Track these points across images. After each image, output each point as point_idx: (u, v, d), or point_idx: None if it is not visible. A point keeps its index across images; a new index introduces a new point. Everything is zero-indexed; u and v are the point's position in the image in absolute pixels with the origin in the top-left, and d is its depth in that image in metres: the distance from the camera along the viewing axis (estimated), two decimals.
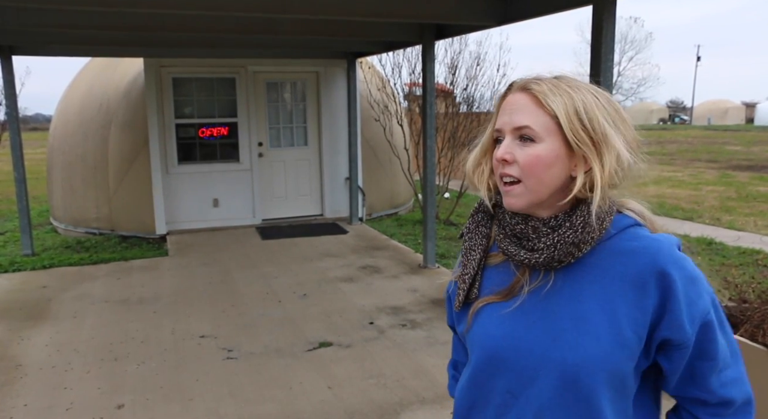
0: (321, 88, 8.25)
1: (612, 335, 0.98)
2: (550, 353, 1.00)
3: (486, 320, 1.08)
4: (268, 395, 3.43)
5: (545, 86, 1.01)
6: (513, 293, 1.07)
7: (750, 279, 4.97)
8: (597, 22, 3.73)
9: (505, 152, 1.01)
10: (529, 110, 1.00)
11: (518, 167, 1.00)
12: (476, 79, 8.41)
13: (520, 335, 1.03)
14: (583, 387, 0.99)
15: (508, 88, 1.06)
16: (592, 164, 0.99)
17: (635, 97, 52.09)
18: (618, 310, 0.98)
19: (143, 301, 5.14)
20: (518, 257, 1.05)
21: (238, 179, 8.09)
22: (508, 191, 1.02)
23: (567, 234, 1.00)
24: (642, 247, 1.00)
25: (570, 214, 1.02)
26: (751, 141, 25.25)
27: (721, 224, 8.41)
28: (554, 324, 1.01)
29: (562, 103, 0.99)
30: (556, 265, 1.03)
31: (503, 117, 1.03)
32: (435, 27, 5.72)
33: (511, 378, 1.04)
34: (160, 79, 7.53)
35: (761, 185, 12.43)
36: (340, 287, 5.41)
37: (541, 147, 1.00)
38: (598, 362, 0.97)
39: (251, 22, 5.46)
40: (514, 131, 1.01)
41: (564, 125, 0.98)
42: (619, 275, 1.00)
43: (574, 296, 1.01)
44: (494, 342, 1.05)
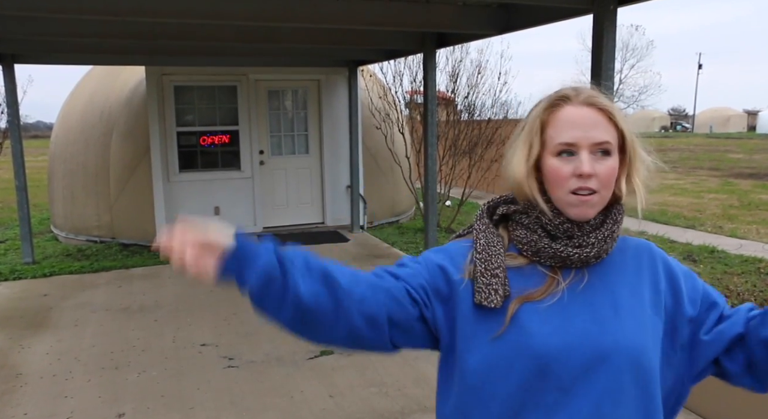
0: (322, 96, 8.28)
1: (645, 317, 1.07)
2: (601, 340, 1.03)
3: (526, 320, 1.05)
4: (269, 403, 3.42)
5: (607, 102, 1.09)
6: (549, 291, 1.08)
7: (752, 288, 4.96)
8: (598, 30, 3.74)
9: (592, 167, 1.05)
10: (604, 126, 1.07)
11: (597, 179, 1.06)
12: (477, 87, 8.43)
13: (567, 329, 1.04)
14: (638, 368, 1.04)
15: (560, 100, 1.09)
16: (632, 169, 1.11)
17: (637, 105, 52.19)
18: (644, 297, 1.09)
19: (144, 309, 5.13)
20: (566, 254, 1.08)
21: (239, 187, 8.09)
22: (586, 201, 1.06)
23: (612, 229, 1.10)
24: (641, 245, 1.17)
25: (605, 214, 1.11)
26: (754, 149, 25.25)
27: (723, 232, 8.39)
28: (597, 314, 1.06)
29: (622, 119, 1.09)
30: (593, 261, 1.09)
31: (574, 131, 1.06)
32: (436, 35, 5.74)
33: (562, 374, 1.03)
34: (161, 87, 7.55)
35: (764, 193, 12.42)
36: None
37: (614, 160, 1.08)
38: (645, 343, 1.05)
39: (253, 31, 5.49)
40: (593, 146, 1.06)
41: (628, 139, 1.10)
42: (635, 267, 1.12)
43: (607, 288, 1.09)
44: (542, 339, 1.04)
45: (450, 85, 8.54)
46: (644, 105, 51.97)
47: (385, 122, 8.47)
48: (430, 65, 5.81)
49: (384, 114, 8.51)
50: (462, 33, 5.41)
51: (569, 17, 4.23)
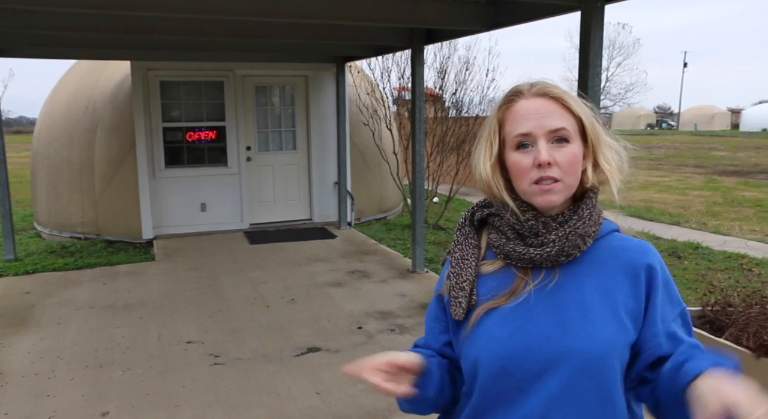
0: (310, 93, 8.23)
1: (615, 323, 1.03)
2: (561, 343, 1.02)
3: (491, 323, 1.07)
4: (256, 401, 3.40)
5: (560, 90, 1.09)
6: (516, 293, 1.08)
7: (735, 283, 5.01)
8: (585, 28, 3.75)
9: (549, 155, 1.05)
10: (558, 114, 1.07)
11: (558, 168, 1.05)
12: (465, 83, 8.43)
13: (528, 330, 1.05)
14: (595, 374, 1.01)
15: (513, 96, 1.10)
16: (598, 157, 1.10)
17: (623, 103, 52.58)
18: (617, 300, 1.05)
19: (129, 306, 5.08)
20: (527, 256, 1.07)
21: (226, 183, 8.04)
22: (549, 189, 1.05)
23: (577, 225, 1.07)
24: (633, 245, 1.11)
25: (575, 209, 1.09)
26: (737, 147, 25.54)
27: (707, 228, 8.48)
28: (561, 316, 1.04)
29: (580, 105, 1.09)
30: (563, 260, 1.07)
31: (529, 122, 1.06)
32: (424, 32, 5.73)
33: (520, 374, 1.04)
34: (147, 82, 7.47)
35: (746, 190, 12.56)
36: (329, 292, 5.38)
37: (574, 146, 1.07)
38: (608, 348, 1.01)
39: (240, 26, 5.44)
40: (548, 134, 1.06)
41: (587, 124, 1.09)
42: (615, 268, 1.07)
43: (576, 288, 1.06)
44: (501, 341, 1.06)
45: (438, 81, 8.54)
46: (630, 103, 52.39)
47: (372, 119, 8.45)
48: (417, 61, 5.80)
49: (372, 110, 8.49)
50: (450, 29, 5.41)
51: (557, 14, 4.23)
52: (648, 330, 1.05)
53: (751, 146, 26.02)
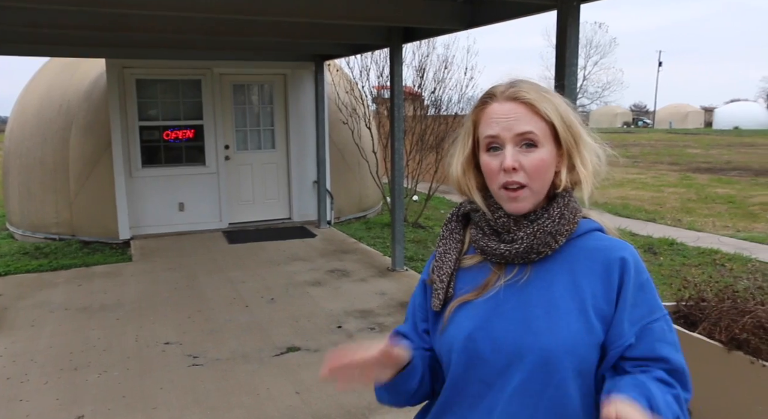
0: (288, 91, 8.19)
1: (581, 322, 1.04)
2: (523, 340, 1.04)
3: (462, 316, 1.11)
4: (235, 401, 3.37)
5: (533, 94, 1.08)
6: (488, 288, 1.11)
7: (708, 278, 5.10)
8: (561, 27, 3.78)
9: (514, 160, 1.05)
10: (528, 118, 1.07)
11: (524, 173, 1.06)
12: (444, 82, 8.46)
13: (495, 324, 1.07)
14: (554, 371, 1.03)
15: (487, 98, 1.11)
16: (574, 159, 1.10)
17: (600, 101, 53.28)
18: (586, 300, 1.05)
19: (105, 308, 5.00)
20: (498, 251, 1.10)
21: (204, 182, 7.97)
22: (515, 196, 1.07)
23: (546, 224, 1.07)
24: (610, 245, 1.10)
25: (547, 208, 1.09)
26: (710, 144, 26.02)
27: (681, 225, 8.63)
28: (527, 313, 1.06)
29: (552, 109, 1.08)
30: (534, 257, 1.08)
31: (497, 125, 1.07)
32: (403, 30, 5.73)
33: (485, 367, 1.07)
34: (123, 80, 7.37)
35: (719, 186, 12.81)
36: (308, 292, 5.37)
37: (543, 151, 1.07)
38: (569, 347, 1.02)
39: (217, 24, 5.38)
40: (516, 138, 1.06)
41: (559, 128, 1.08)
42: (588, 269, 1.08)
43: (546, 286, 1.07)
44: (469, 333, 1.08)
45: (417, 80, 8.55)
46: (607, 101, 53.14)
47: (352, 117, 8.44)
48: (396, 60, 5.80)
49: (351, 109, 8.48)
50: (428, 28, 5.42)
51: (533, 13, 4.27)
52: (613, 330, 1.04)
53: (723, 143, 26.53)
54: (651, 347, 1.04)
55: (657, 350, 1.04)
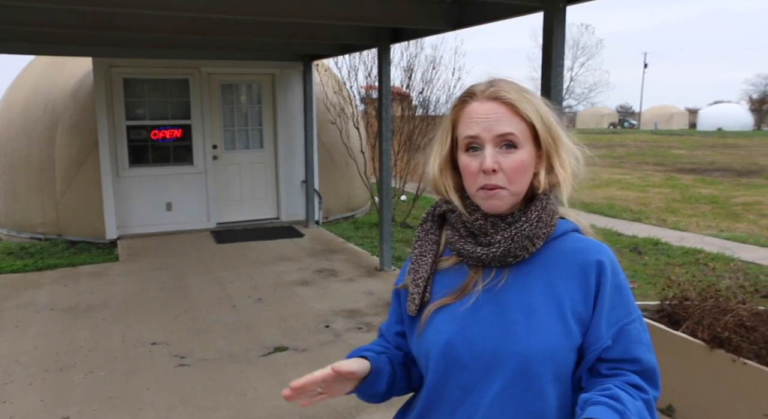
0: (277, 91, 8.18)
1: (560, 326, 1.03)
2: (503, 345, 1.03)
3: (439, 321, 1.09)
4: (222, 402, 3.37)
5: (514, 94, 1.06)
6: (466, 292, 1.09)
7: (692, 278, 5.17)
8: (548, 28, 3.82)
9: (494, 161, 1.04)
10: (508, 118, 1.05)
11: (503, 175, 1.04)
12: (432, 82, 8.49)
13: (474, 330, 1.05)
14: (534, 377, 1.02)
15: (467, 97, 1.09)
16: (553, 161, 1.08)
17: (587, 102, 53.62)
18: (564, 303, 1.04)
19: (92, 308, 4.97)
20: (475, 254, 1.08)
21: (191, 182, 7.93)
22: (493, 194, 1.05)
23: (523, 227, 1.06)
24: (586, 247, 1.09)
25: (524, 210, 1.08)
26: (694, 145, 26.30)
27: (666, 224, 8.73)
28: (506, 317, 1.04)
29: (532, 110, 1.06)
30: (511, 260, 1.07)
31: (477, 126, 1.05)
32: (391, 31, 5.75)
33: (465, 373, 1.06)
34: (110, 79, 7.32)
35: (703, 187, 12.96)
36: (296, 291, 5.37)
37: (523, 152, 1.05)
38: (548, 352, 1.02)
39: (205, 23, 5.37)
40: (496, 139, 1.05)
41: (539, 130, 1.06)
42: (566, 272, 1.06)
43: (525, 290, 1.06)
44: (447, 339, 1.07)
45: (405, 80, 8.58)
46: (594, 102, 53.47)
47: (340, 117, 8.44)
48: (384, 60, 5.82)
49: (339, 109, 8.48)
50: (416, 28, 5.44)
51: (520, 14, 4.30)
52: (591, 333, 1.04)
53: (707, 144, 26.83)
54: (626, 349, 1.05)
55: (631, 351, 1.05)
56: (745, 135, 34.57)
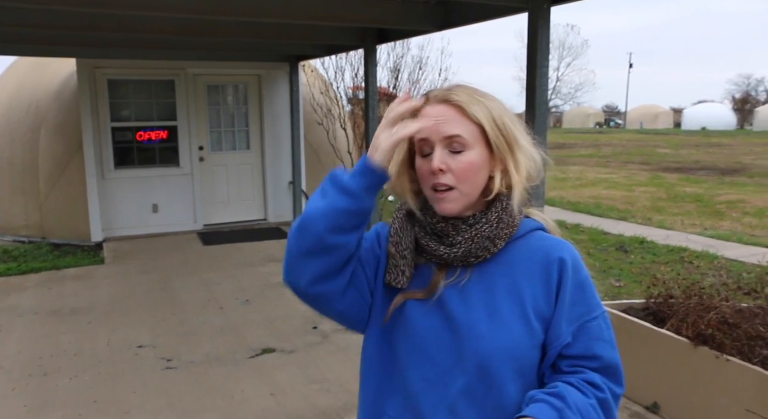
0: (263, 92, 8.15)
1: (521, 325, 1.06)
2: (467, 342, 1.06)
3: (411, 314, 1.11)
4: (209, 404, 3.35)
5: (464, 97, 1.07)
6: (433, 289, 1.11)
7: (677, 276, 5.22)
8: (532, 29, 3.84)
9: (441, 162, 1.05)
10: (457, 120, 1.06)
11: (452, 175, 1.06)
12: (419, 83, 8.51)
13: (441, 326, 1.08)
14: (496, 375, 1.05)
15: (424, 102, 1.11)
16: (507, 163, 1.09)
17: (573, 102, 54.04)
18: (526, 302, 1.07)
19: (77, 311, 4.93)
20: (438, 252, 1.10)
21: (178, 183, 7.88)
22: (443, 197, 1.07)
23: (483, 229, 1.08)
24: (549, 244, 1.11)
25: (485, 212, 1.10)
26: (679, 144, 26.57)
27: (652, 223, 8.80)
28: (470, 316, 1.07)
29: (482, 112, 1.07)
30: (473, 261, 1.09)
31: (427, 129, 1.07)
32: (377, 31, 5.75)
33: (429, 366, 1.08)
34: (94, 80, 7.25)
35: (688, 185, 13.09)
36: (284, 293, 5.35)
37: (472, 154, 1.07)
38: (509, 351, 1.05)
39: (190, 24, 5.34)
40: (444, 141, 1.06)
41: (489, 131, 1.07)
42: (528, 270, 1.08)
43: (488, 289, 1.08)
44: (419, 333, 1.09)
45: (392, 81, 8.59)
46: (580, 102, 53.91)
47: (327, 118, 8.43)
48: (370, 61, 5.82)
49: (326, 110, 8.47)
50: (402, 29, 5.44)
51: (505, 15, 4.32)
52: (552, 330, 1.07)
53: (691, 143, 27.12)
54: (587, 345, 1.06)
55: (592, 348, 1.07)
56: (729, 134, 35.00)
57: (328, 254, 1.04)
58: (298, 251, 1.05)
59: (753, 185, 12.85)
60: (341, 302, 1.11)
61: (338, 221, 1.03)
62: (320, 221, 1.03)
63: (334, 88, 8.71)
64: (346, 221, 1.03)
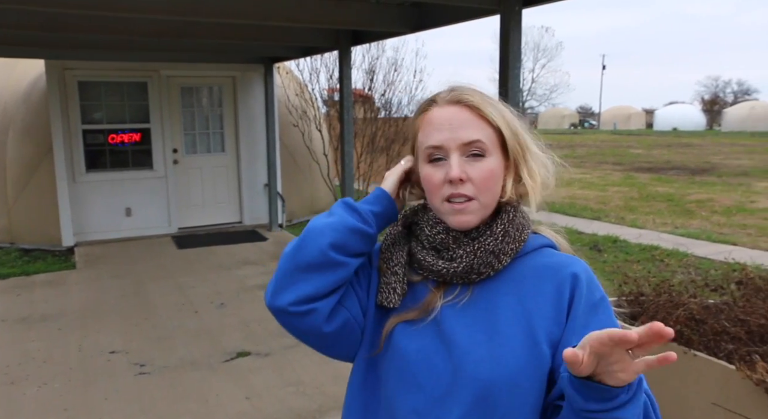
0: (238, 94, 8.10)
1: (527, 348, 0.93)
2: (464, 368, 0.93)
3: (400, 336, 1.00)
4: (183, 409, 3.32)
5: (477, 98, 0.98)
6: (428, 308, 1.00)
7: (647, 273, 5.32)
8: (504, 31, 3.88)
9: (461, 171, 0.95)
10: (474, 124, 0.97)
11: (471, 184, 0.96)
12: (394, 84, 8.52)
13: (434, 350, 0.96)
14: (496, 406, 0.92)
15: (427, 105, 1.01)
16: (521, 170, 1.00)
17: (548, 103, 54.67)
18: (534, 323, 0.94)
19: (47, 318, 4.83)
20: (436, 268, 0.99)
21: (152, 186, 7.79)
22: (462, 208, 0.96)
23: (487, 242, 0.97)
24: (560, 261, 0.99)
25: (490, 224, 0.99)
26: (651, 145, 27.04)
27: (624, 222, 8.95)
28: (469, 338, 0.95)
29: (498, 115, 0.98)
30: (475, 277, 0.98)
31: (441, 133, 0.97)
32: (351, 33, 5.75)
33: (420, 396, 0.96)
34: (64, 82, 7.13)
35: (659, 185, 13.34)
36: (259, 295, 5.32)
37: (492, 160, 0.97)
38: (512, 379, 0.91)
39: (162, 25, 5.28)
40: (462, 147, 0.96)
41: (506, 135, 0.98)
42: (536, 289, 0.97)
43: (490, 309, 0.97)
44: (406, 357, 0.98)
45: (367, 82, 8.59)
46: (555, 103, 54.56)
47: (302, 120, 8.41)
48: (345, 63, 5.82)
49: (301, 112, 8.45)
50: (376, 31, 5.46)
51: (477, 17, 4.36)
52: (560, 354, 0.90)
53: (663, 144, 27.63)
54: None
55: None
56: (698, 135, 35.73)
57: (325, 272, 0.97)
58: (294, 265, 0.98)
59: (721, 185, 13.14)
60: (329, 324, 1.00)
61: (343, 238, 0.98)
62: (326, 234, 0.98)
63: (309, 90, 8.69)
64: (349, 239, 0.98)
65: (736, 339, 2.89)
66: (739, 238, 7.65)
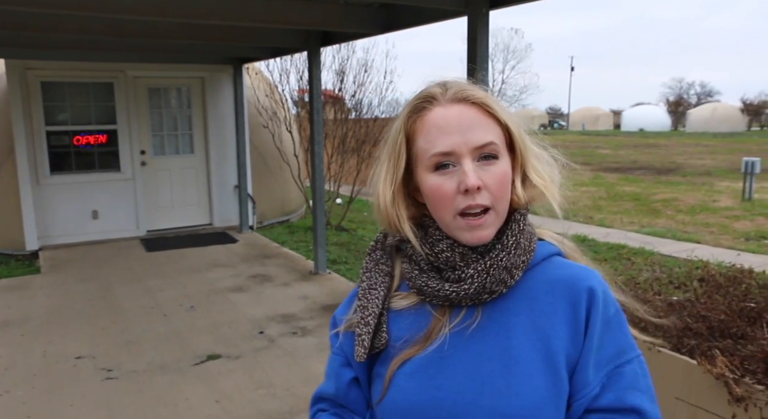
0: (207, 95, 8.01)
1: (547, 375, 0.84)
2: (478, 402, 0.83)
3: (402, 376, 0.88)
4: (152, 414, 3.27)
5: (482, 93, 0.88)
6: (432, 338, 0.88)
7: (614, 272, 5.43)
8: (472, 32, 3.92)
9: (477, 178, 0.83)
10: (484, 124, 0.86)
11: (487, 192, 0.85)
12: (364, 85, 8.53)
13: (441, 384, 0.86)
14: None
15: (424, 104, 0.88)
16: (528, 171, 0.92)
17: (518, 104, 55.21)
18: (552, 346, 0.85)
19: (9, 324, 4.71)
20: (443, 293, 0.87)
21: (119, 189, 7.65)
22: (480, 223, 0.85)
23: (500, 257, 0.86)
24: (573, 273, 0.90)
25: (498, 236, 0.88)
26: (619, 145, 27.58)
27: (593, 221, 9.11)
28: (481, 367, 0.85)
29: (504, 112, 0.89)
30: (486, 297, 0.87)
31: (450, 137, 0.85)
32: (320, 34, 5.75)
33: None
34: (26, 82, 6.96)
35: (626, 185, 13.61)
36: (230, 298, 5.27)
37: (504, 163, 0.87)
38: (532, 409, 0.82)
39: (128, 25, 5.20)
40: (475, 151, 0.85)
41: (515, 133, 0.89)
42: (550, 306, 0.87)
43: (503, 332, 0.86)
44: (409, 396, 0.87)
45: (337, 83, 8.59)
46: (525, 104, 55.05)
47: (272, 121, 8.36)
48: (314, 63, 5.81)
49: (271, 113, 8.40)
50: (345, 32, 5.46)
51: (445, 19, 4.40)
52: (577, 378, 0.85)
53: (630, 144, 28.20)
54: (620, 396, 0.84)
55: (627, 399, 0.84)
56: (664, 135, 36.55)
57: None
58: None
59: (686, 184, 13.48)
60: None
61: None
62: None
63: (279, 91, 8.65)
64: None
65: (698, 334, 2.98)
66: (702, 236, 7.86)
